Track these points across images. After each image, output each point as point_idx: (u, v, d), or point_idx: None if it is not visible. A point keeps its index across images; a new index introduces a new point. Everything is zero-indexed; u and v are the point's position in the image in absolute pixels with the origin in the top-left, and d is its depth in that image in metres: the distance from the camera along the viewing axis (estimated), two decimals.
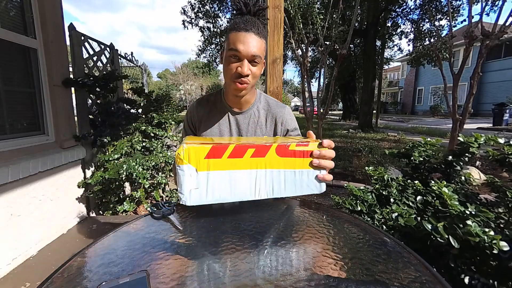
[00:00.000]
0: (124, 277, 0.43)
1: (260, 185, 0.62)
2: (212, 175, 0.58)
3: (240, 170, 0.60)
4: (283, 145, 0.62)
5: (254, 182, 0.61)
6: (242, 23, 0.80)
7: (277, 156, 0.62)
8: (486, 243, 0.90)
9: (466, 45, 3.55)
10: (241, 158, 0.59)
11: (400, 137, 8.05)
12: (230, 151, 0.58)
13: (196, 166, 0.57)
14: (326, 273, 0.47)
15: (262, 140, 0.68)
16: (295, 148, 0.63)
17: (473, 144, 1.46)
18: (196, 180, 0.58)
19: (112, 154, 2.50)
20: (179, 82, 35.40)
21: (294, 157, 0.63)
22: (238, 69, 0.81)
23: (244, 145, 0.59)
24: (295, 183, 0.64)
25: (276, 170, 0.62)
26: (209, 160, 0.58)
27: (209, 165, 0.58)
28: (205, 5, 10.07)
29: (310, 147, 0.64)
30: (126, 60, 4.29)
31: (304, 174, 0.64)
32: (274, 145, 0.61)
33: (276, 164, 0.62)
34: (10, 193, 1.69)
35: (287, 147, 0.62)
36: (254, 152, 0.60)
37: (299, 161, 0.63)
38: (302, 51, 4.41)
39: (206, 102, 1.01)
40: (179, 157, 0.56)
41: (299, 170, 0.64)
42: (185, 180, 0.57)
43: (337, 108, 38.88)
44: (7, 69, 1.89)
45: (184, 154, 0.57)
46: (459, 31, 6.82)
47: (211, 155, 0.58)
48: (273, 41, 1.85)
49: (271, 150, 0.61)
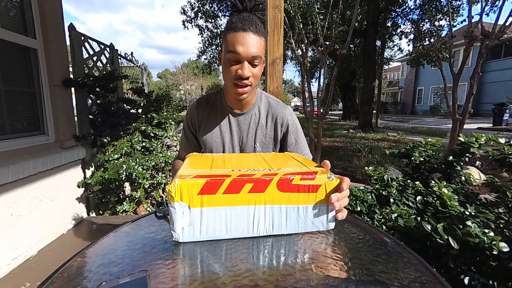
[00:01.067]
0: (124, 277, 0.43)
1: (259, 222, 0.57)
2: (206, 211, 0.54)
3: (236, 207, 0.55)
4: (286, 180, 0.56)
5: (252, 219, 0.57)
6: (239, 22, 0.76)
7: (278, 191, 0.56)
8: (486, 244, 0.90)
9: (466, 45, 3.55)
10: (237, 194, 0.54)
11: (400, 137, 8.06)
12: (225, 186, 0.54)
13: (188, 202, 0.54)
14: (326, 273, 0.47)
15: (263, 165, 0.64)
16: (299, 183, 0.56)
17: (474, 144, 1.46)
18: (189, 217, 0.54)
19: (112, 154, 2.51)
20: (179, 82, 35.42)
21: (297, 192, 0.56)
22: (238, 71, 0.78)
23: (241, 180, 0.54)
24: (298, 219, 0.58)
25: (277, 206, 0.57)
26: (202, 196, 0.53)
27: (202, 201, 0.54)
28: (205, 5, 10.07)
29: (317, 180, 0.57)
30: (126, 60, 4.29)
31: (308, 210, 0.58)
32: (275, 179, 0.55)
33: (277, 200, 0.56)
34: (10, 193, 1.69)
35: (290, 181, 0.56)
36: (253, 187, 0.55)
37: (304, 197, 0.57)
38: (302, 51, 4.41)
39: (206, 103, 0.98)
40: (171, 194, 0.53)
41: (303, 206, 0.58)
42: (177, 218, 0.54)
43: (337, 108, 38.89)
44: (7, 69, 1.89)
45: (176, 191, 0.53)
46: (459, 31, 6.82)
47: (205, 191, 0.53)
48: (273, 41, 1.84)
49: (271, 184, 0.55)
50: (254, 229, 0.58)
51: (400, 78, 28.48)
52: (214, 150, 0.96)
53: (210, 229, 0.56)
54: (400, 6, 9.96)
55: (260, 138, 0.96)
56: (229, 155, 0.79)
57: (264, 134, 0.96)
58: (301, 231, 0.60)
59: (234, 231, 0.57)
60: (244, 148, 0.96)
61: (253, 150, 0.96)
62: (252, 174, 0.56)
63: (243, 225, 0.57)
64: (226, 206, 0.55)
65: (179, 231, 0.55)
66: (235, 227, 0.57)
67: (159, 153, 2.80)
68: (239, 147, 0.97)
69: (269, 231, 0.58)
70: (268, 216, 0.57)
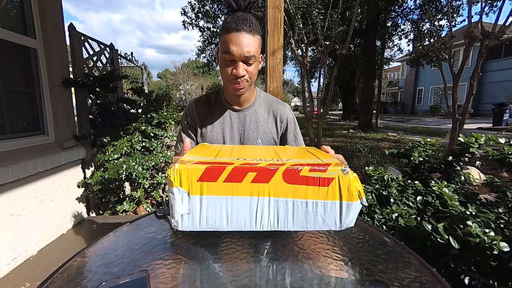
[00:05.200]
0: (124, 277, 0.43)
1: (263, 215, 0.52)
2: (205, 200, 0.51)
3: (238, 197, 0.51)
4: (292, 170, 0.50)
5: (255, 211, 0.52)
6: (233, 22, 0.77)
7: (285, 183, 0.51)
8: (486, 243, 0.90)
9: (466, 45, 3.55)
10: (239, 183, 0.51)
11: (400, 137, 8.06)
12: (227, 174, 0.50)
13: (188, 189, 0.51)
14: (326, 273, 0.47)
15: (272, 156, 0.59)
16: (308, 174, 0.50)
17: (473, 144, 1.46)
18: (188, 205, 0.52)
19: (112, 154, 2.50)
20: (179, 82, 35.41)
21: (306, 185, 0.51)
22: (233, 71, 0.80)
23: (244, 168, 0.51)
24: (306, 216, 0.52)
25: (283, 199, 0.52)
26: (202, 183, 0.51)
27: (202, 188, 0.51)
28: (205, 5, 10.07)
29: (329, 173, 0.51)
30: (126, 60, 4.29)
31: (319, 206, 0.52)
32: (281, 169, 0.50)
33: (283, 192, 0.51)
34: (10, 193, 1.69)
35: (298, 172, 0.50)
36: (256, 177, 0.50)
37: (313, 190, 0.51)
38: (302, 51, 4.41)
39: (206, 101, 0.99)
40: (169, 178, 0.51)
41: (313, 201, 0.51)
42: (175, 204, 0.51)
43: (337, 108, 38.87)
44: (7, 69, 1.89)
45: (175, 175, 0.50)
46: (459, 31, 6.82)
47: (205, 178, 0.50)
48: (273, 41, 1.84)
49: (276, 175, 0.50)
50: (257, 223, 0.53)
51: (400, 78, 28.48)
52: None
53: (210, 219, 0.52)
54: (400, 6, 9.97)
55: (262, 134, 0.96)
56: (238, 146, 0.76)
57: (266, 130, 0.97)
58: (310, 228, 0.53)
59: (236, 223, 0.52)
60: (245, 144, 0.96)
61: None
62: (256, 163, 0.52)
63: (245, 217, 0.52)
64: (227, 196, 0.51)
65: (178, 218, 0.52)
66: (236, 219, 0.52)
67: (159, 153, 2.80)
68: (240, 143, 0.97)
69: (274, 226, 0.53)
70: (272, 210, 0.52)
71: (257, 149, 0.69)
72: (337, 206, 0.52)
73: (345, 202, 0.52)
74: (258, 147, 0.74)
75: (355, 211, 0.53)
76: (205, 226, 0.53)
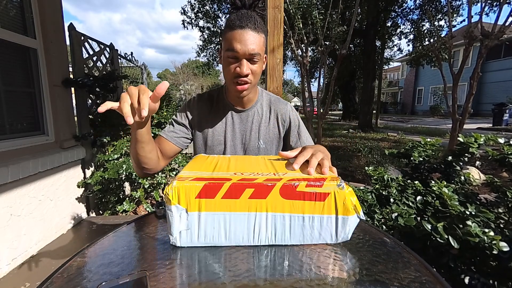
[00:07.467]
0: (124, 277, 0.43)
1: (260, 230, 0.54)
2: (204, 216, 0.52)
3: (236, 213, 0.52)
4: (289, 186, 0.52)
5: (252, 227, 0.54)
6: (237, 19, 0.75)
7: (282, 198, 0.52)
8: (486, 243, 0.90)
9: (466, 45, 3.55)
10: (237, 199, 0.52)
11: (400, 137, 8.06)
12: (225, 190, 0.51)
13: (186, 206, 0.52)
14: (326, 273, 0.47)
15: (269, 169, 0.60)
16: (304, 190, 0.52)
17: (473, 144, 1.47)
18: (186, 221, 0.53)
19: (111, 154, 2.50)
20: (179, 82, 35.39)
21: (303, 200, 0.52)
22: (237, 69, 0.78)
23: (241, 184, 0.52)
24: (303, 230, 0.54)
25: (280, 214, 0.53)
26: (200, 200, 0.51)
27: (200, 205, 0.52)
28: (205, 5, 10.08)
29: (325, 188, 0.52)
30: (126, 60, 4.28)
31: (315, 221, 0.54)
32: (278, 185, 0.52)
33: (280, 208, 0.53)
34: (10, 193, 1.69)
35: (295, 188, 0.52)
36: (253, 193, 0.51)
37: (310, 205, 0.52)
38: (302, 51, 4.41)
39: (208, 99, 0.97)
40: (168, 196, 0.51)
41: (309, 216, 0.53)
42: (174, 221, 0.52)
43: (337, 108, 38.87)
44: (7, 69, 1.89)
45: (173, 193, 0.51)
46: (459, 31, 6.82)
47: (203, 195, 0.51)
48: (273, 41, 1.84)
49: (274, 190, 0.52)
50: (255, 238, 0.55)
51: (400, 78, 28.49)
52: (216, 147, 0.94)
53: (208, 234, 0.54)
54: (400, 6, 9.97)
55: (264, 135, 0.96)
56: (235, 157, 0.76)
57: (268, 131, 0.96)
58: (307, 242, 0.55)
59: (234, 239, 0.54)
60: (247, 145, 0.96)
61: (257, 147, 0.95)
62: (254, 179, 0.53)
63: (243, 232, 0.54)
64: (225, 212, 0.52)
65: (176, 235, 0.54)
66: (234, 234, 0.54)
67: None
68: (242, 145, 0.96)
69: (271, 241, 0.55)
70: (270, 225, 0.54)
71: (254, 162, 0.70)
72: (333, 220, 0.54)
73: (341, 216, 0.53)
74: (254, 159, 0.73)
75: (352, 225, 0.55)
76: (204, 241, 0.54)
